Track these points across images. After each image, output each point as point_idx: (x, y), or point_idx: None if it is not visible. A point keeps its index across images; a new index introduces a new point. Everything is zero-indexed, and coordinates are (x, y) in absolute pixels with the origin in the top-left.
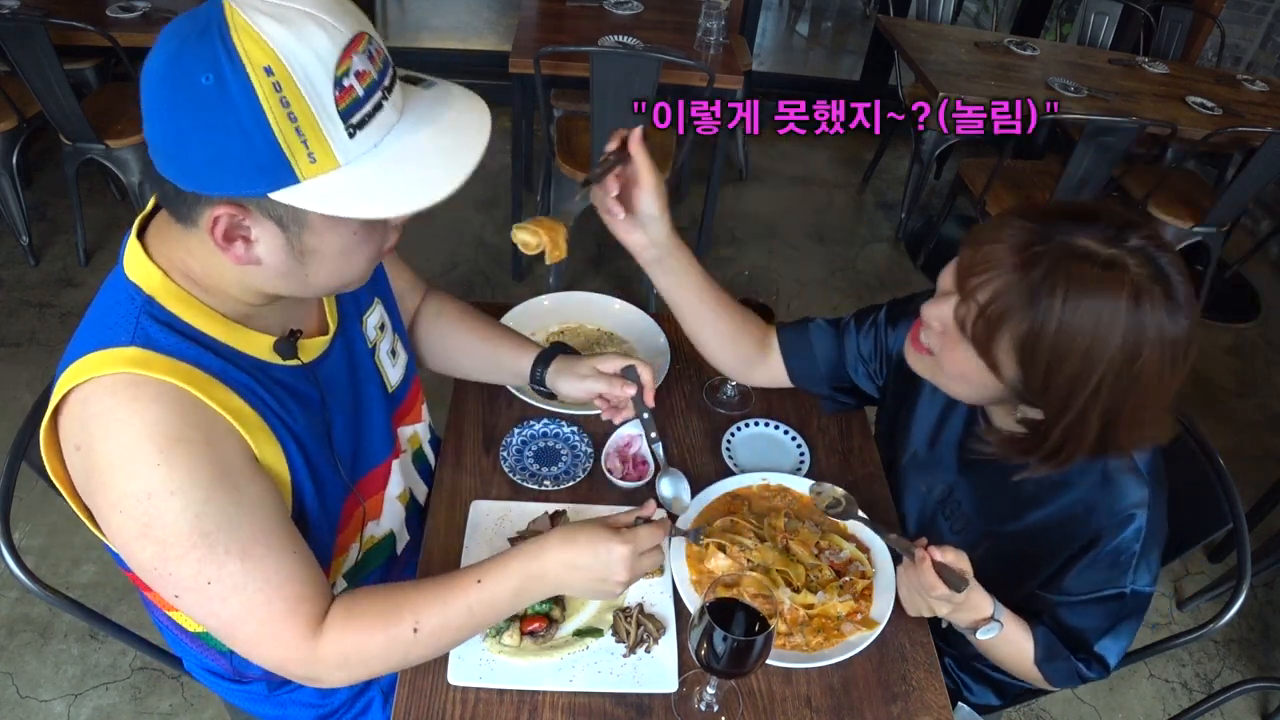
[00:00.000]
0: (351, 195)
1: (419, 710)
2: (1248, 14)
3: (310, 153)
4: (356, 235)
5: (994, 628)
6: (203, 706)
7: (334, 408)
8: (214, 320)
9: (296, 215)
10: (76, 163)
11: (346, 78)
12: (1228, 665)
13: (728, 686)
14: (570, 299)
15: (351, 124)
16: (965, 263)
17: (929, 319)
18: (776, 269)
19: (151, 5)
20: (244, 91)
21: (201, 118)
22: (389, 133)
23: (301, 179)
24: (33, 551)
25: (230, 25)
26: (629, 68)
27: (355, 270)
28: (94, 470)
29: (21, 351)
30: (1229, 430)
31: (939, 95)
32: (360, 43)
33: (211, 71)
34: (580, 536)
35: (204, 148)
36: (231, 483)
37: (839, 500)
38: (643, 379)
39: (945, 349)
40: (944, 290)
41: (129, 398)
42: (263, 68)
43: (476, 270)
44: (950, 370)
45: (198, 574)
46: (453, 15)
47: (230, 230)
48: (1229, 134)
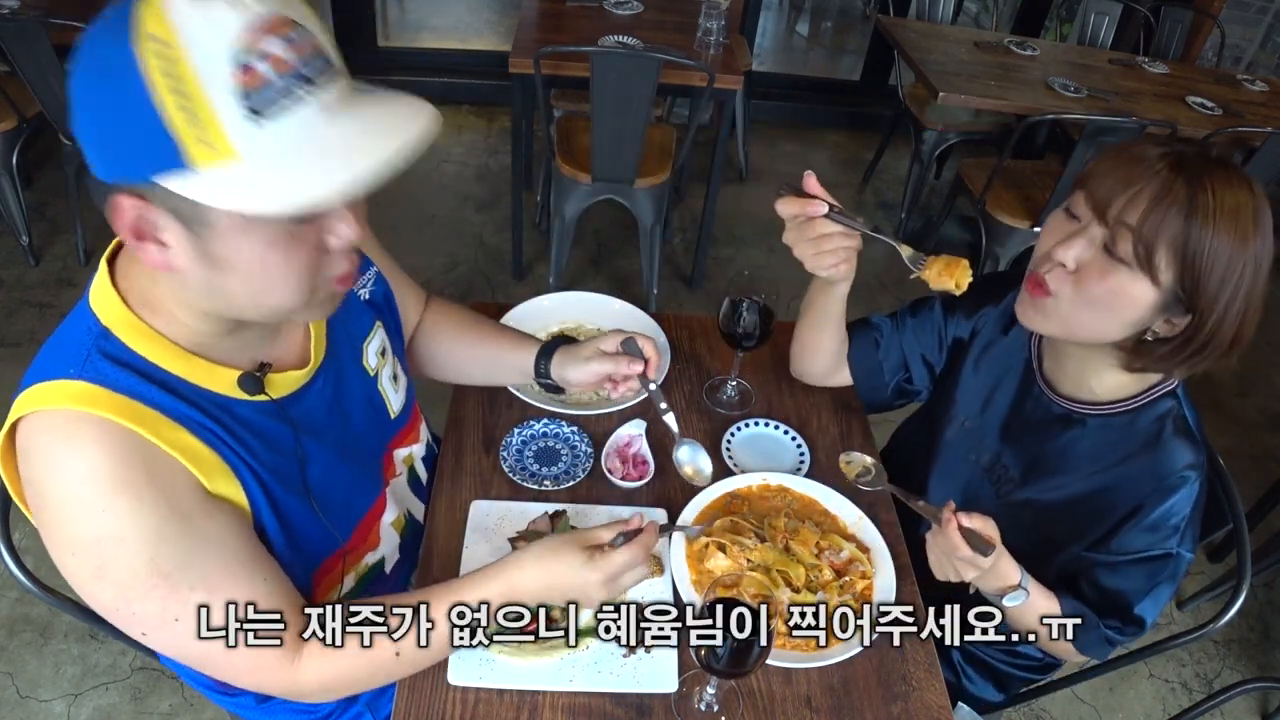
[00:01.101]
0: (243, 188)
1: (419, 710)
2: (1248, 14)
3: (202, 136)
4: (275, 248)
5: (1020, 595)
6: (202, 706)
7: (310, 447)
8: (172, 354)
9: (200, 214)
10: (76, 163)
11: (254, 59)
12: (1228, 665)
13: (728, 686)
14: (570, 299)
15: (253, 109)
16: (1103, 192)
17: (1061, 259)
18: (776, 269)
19: None
20: (130, 60)
21: (95, 90)
22: (308, 130)
23: (194, 166)
24: (33, 551)
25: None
26: (629, 68)
27: (284, 290)
28: (43, 509)
29: (21, 351)
30: (1229, 430)
31: (939, 95)
32: (282, 27)
33: (110, 43)
34: (553, 562)
35: (98, 125)
36: (184, 521)
37: (869, 469)
38: (645, 352)
39: (1087, 281)
40: (1065, 233)
41: (66, 436)
42: (150, 35)
43: (476, 270)
44: (1097, 301)
45: (163, 612)
46: (453, 15)
47: (139, 225)
48: (1229, 134)
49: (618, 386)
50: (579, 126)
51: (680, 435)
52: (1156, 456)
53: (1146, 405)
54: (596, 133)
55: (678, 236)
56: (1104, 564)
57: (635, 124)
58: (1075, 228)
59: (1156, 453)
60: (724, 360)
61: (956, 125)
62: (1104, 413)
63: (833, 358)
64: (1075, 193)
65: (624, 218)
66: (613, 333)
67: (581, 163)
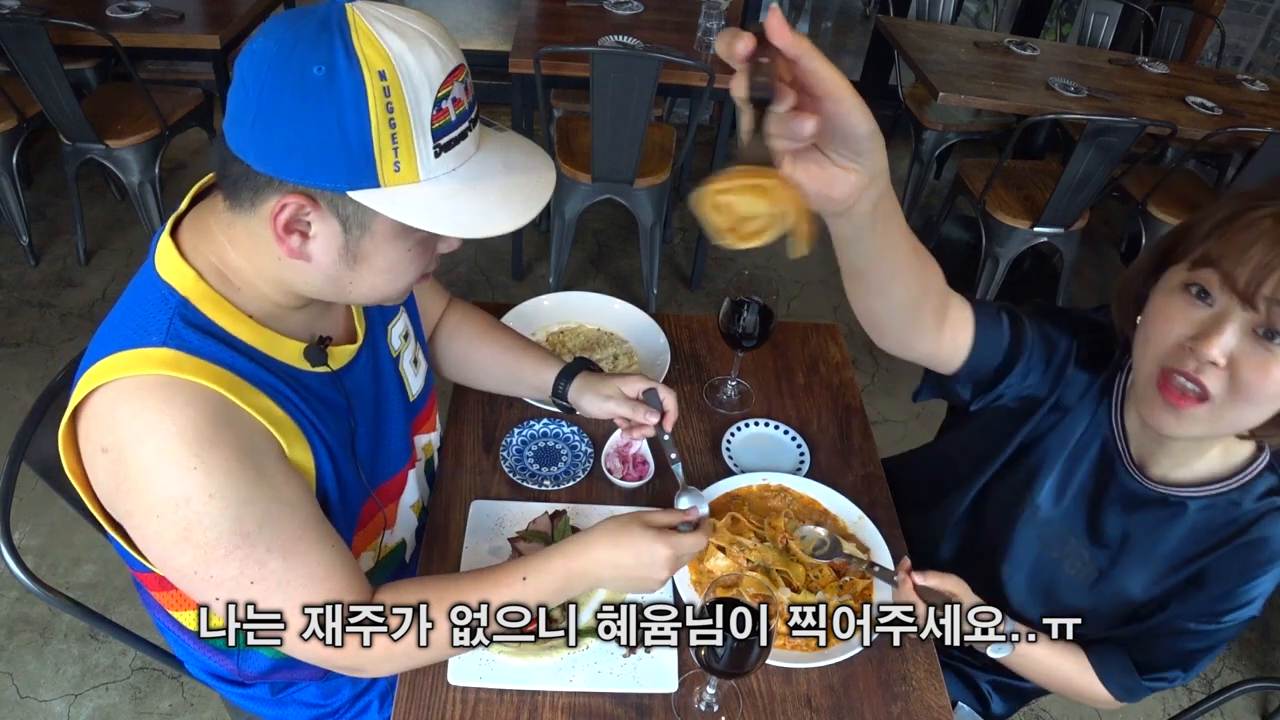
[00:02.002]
0: (424, 210)
1: (419, 710)
2: (1248, 14)
3: (397, 161)
4: (410, 253)
5: (1004, 648)
6: (203, 706)
7: (358, 415)
8: (245, 325)
9: (363, 219)
10: (76, 163)
11: (445, 100)
12: (1228, 665)
13: (728, 686)
14: (570, 299)
15: (440, 144)
16: (1245, 272)
17: (1211, 356)
18: (776, 269)
19: (151, 5)
20: (355, 87)
21: (303, 105)
22: (466, 161)
23: (382, 184)
24: (32, 551)
25: (352, 27)
26: (629, 68)
27: (395, 288)
28: (125, 476)
29: (21, 352)
30: None
31: (939, 95)
32: (461, 73)
33: (325, 64)
34: (624, 539)
35: (297, 134)
36: (267, 482)
37: (824, 541)
38: (665, 405)
39: (1247, 376)
40: (1199, 323)
41: (161, 400)
42: (377, 71)
43: (477, 270)
44: (1263, 393)
45: (240, 574)
46: (453, 15)
47: (292, 221)
48: (1229, 134)
49: (631, 430)
50: (579, 126)
51: (685, 484)
52: (1261, 538)
53: (1249, 483)
54: (596, 133)
55: (678, 236)
56: (1187, 633)
57: (635, 124)
58: (1210, 312)
59: (1260, 535)
60: (724, 360)
61: (956, 125)
62: (1207, 494)
63: (915, 302)
64: (1198, 269)
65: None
66: (637, 377)
67: (582, 163)
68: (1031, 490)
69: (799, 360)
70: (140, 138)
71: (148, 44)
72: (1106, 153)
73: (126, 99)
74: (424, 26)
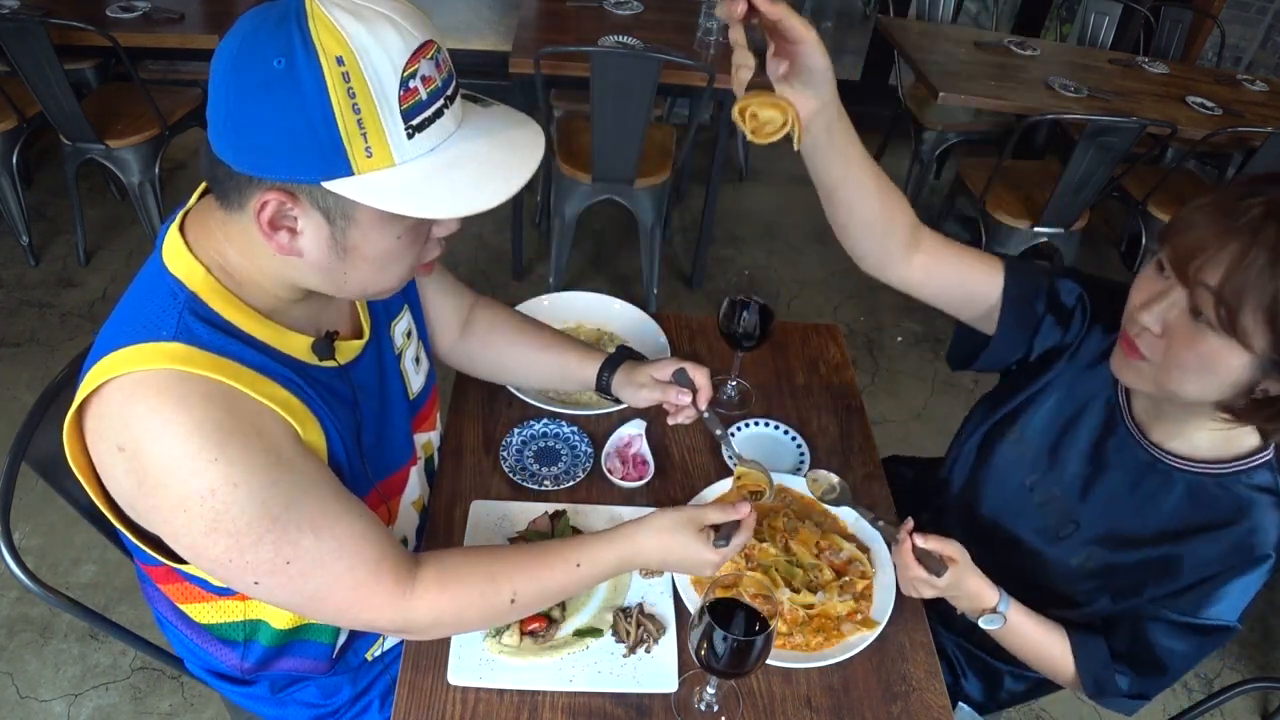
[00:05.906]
0: (402, 193)
1: (419, 710)
2: (1248, 14)
3: (368, 146)
4: (400, 240)
5: (995, 619)
6: (203, 706)
7: (364, 410)
8: (252, 319)
9: (345, 209)
10: (76, 163)
11: (413, 79)
12: (1228, 665)
13: (728, 686)
14: (570, 299)
15: (411, 125)
16: (1181, 251)
17: (1146, 323)
18: (776, 269)
19: (151, 5)
20: (314, 77)
21: (267, 100)
22: (446, 139)
23: (356, 172)
24: (32, 551)
25: (309, 15)
26: (629, 68)
27: (391, 277)
28: (146, 473)
29: (21, 351)
30: None
31: (939, 95)
32: (429, 50)
33: (284, 56)
34: (675, 539)
35: (265, 131)
36: (287, 464)
37: (834, 487)
38: (696, 381)
39: (1176, 347)
40: (1151, 292)
41: (177, 396)
42: (335, 57)
43: (477, 270)
44: (1187, 365)
45: (275, 556)
46: (453, 15)
47: (276, 217)
48: (1229, 134)
49: (676, 415)
50: (579, 126)
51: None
52: (1246, 529)
53: (1243, 472)
54: (596, 133)
55: (678, 236)
56: (1162, 621)
57: (635, 124)
58: (1161, 286)
59: (1247, 525)
60: (724, 360)
61: (956, 125)
62: (1197, 471)
63: (881, 224)
64: (1162, 245)
65: (624, 218)
66: (668, 360)
67: (581, 162)
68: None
69: (799, 360)
70: (140, 138)
71: (148, 44)
72: (1106, 153)
73: (126, 99)
74: (385, 7)
